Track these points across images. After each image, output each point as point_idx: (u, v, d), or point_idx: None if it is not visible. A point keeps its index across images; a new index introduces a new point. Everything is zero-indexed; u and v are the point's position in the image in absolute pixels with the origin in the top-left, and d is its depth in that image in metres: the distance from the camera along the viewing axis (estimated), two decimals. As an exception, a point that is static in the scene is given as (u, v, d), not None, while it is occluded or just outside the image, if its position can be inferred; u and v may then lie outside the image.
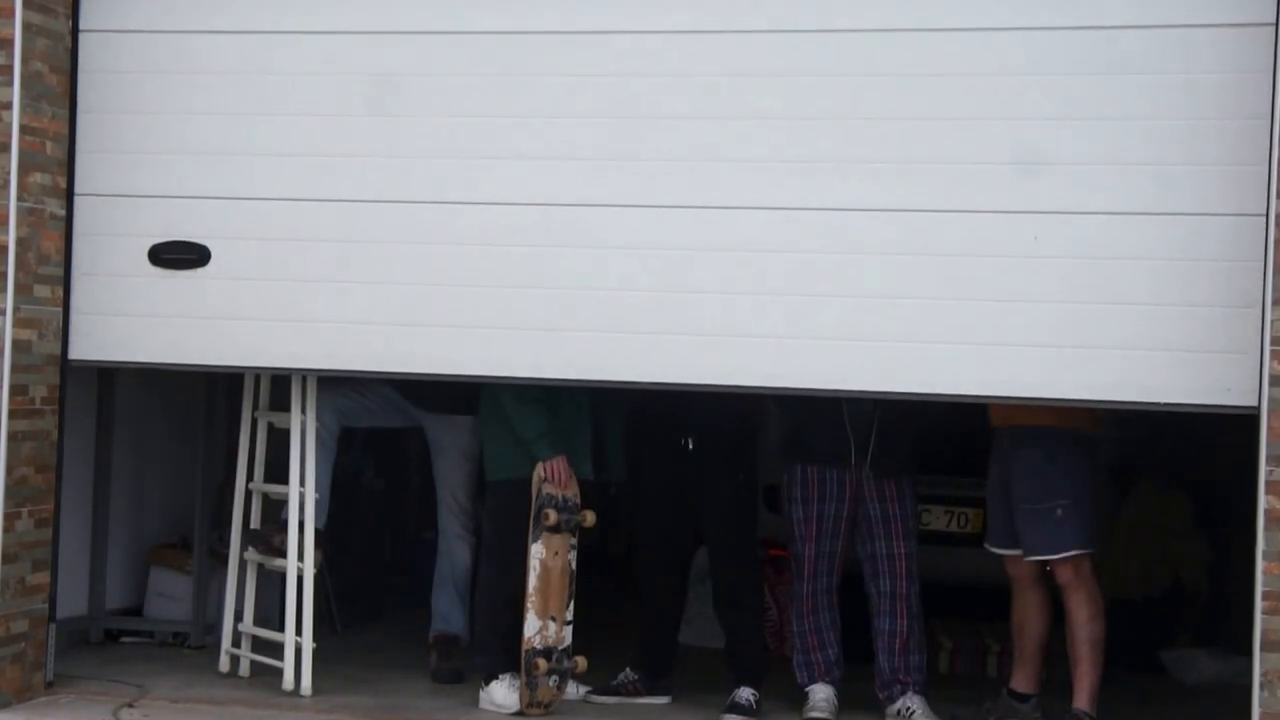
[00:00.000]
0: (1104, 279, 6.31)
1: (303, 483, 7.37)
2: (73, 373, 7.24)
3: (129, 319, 7.12)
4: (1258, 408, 6.09)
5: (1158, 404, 6.30)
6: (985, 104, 6.42)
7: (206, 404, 8.41)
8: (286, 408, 7.43)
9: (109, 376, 8.15)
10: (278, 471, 7.51)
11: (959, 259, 6.42)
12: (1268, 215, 6.09)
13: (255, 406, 7.65)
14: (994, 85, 6.41)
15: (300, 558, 7.35)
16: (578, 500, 7.07)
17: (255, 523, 7.67)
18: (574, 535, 7.10)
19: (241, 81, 7.03)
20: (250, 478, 7.68)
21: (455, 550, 7.90)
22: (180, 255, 7.05)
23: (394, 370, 7.02)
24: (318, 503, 7.44)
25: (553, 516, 6.98)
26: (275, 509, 7.61)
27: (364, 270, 6.90)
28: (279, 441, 7.53)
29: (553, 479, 7.01)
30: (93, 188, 7.14)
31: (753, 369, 6.60)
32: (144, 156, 7.11)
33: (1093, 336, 6.32)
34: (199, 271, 7.04)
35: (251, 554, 7.64)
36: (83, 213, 7.13)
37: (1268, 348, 6.07)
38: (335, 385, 7.74)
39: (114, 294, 7.12)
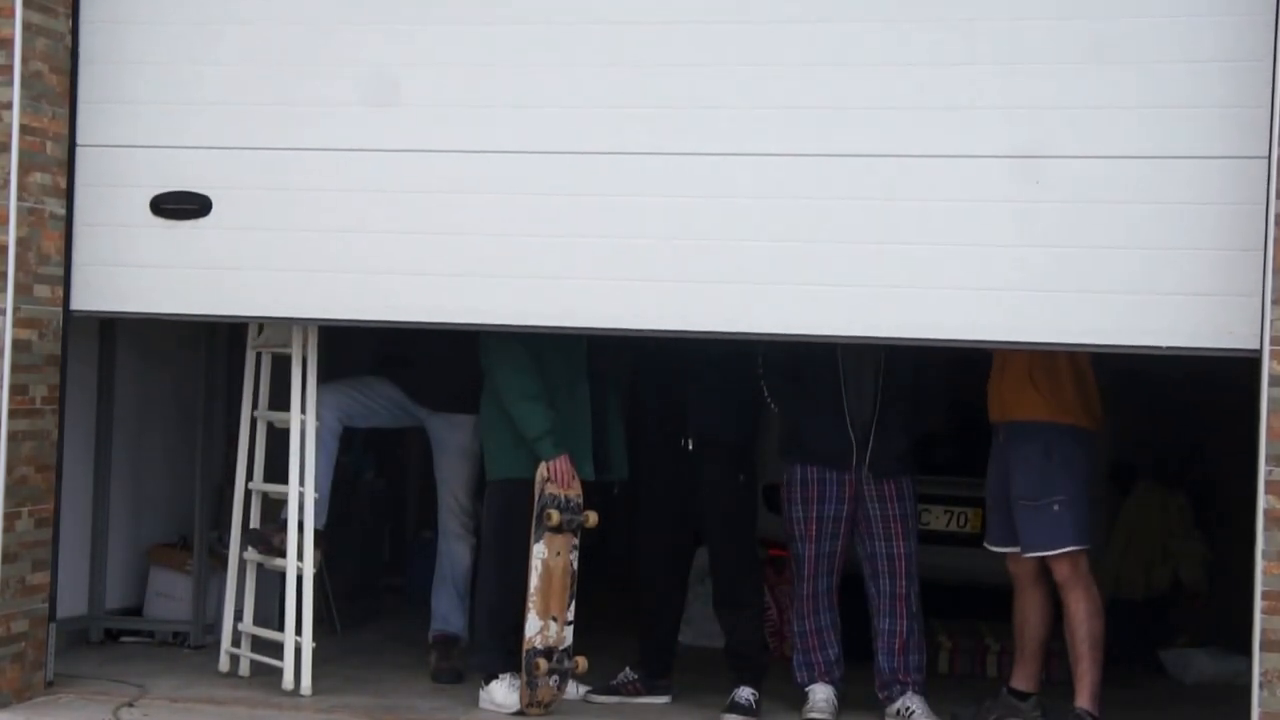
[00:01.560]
0: (1106, 222, 6.29)
1: (302, 482, 7.36)
2: (73, 374, 7.25)
3: (131, 269, 7.11)
4: (1259, 350, 6.08)
5: (1159, 347, 6.28)
6: (982, 50, 6.40)
7: (206, 402, 8.40)
8: (286, 407, 7.43)
9: (109, 376, 8.15)
10: (278, 471, 7.51)
11: (961, 204, 6.42)
12: (1270, 157, 6.07)
13: (255, 406, 7.65)
14: (990, 30, 6.40)
15: (300, 557, 7.34)
16: (580, 501, 7.07)
17: (255, 522, 7.67)
18: (576, 535, 7.10)
19: (246, 32, 7.01)
20: (250, 477, 7.67)
21: (455, 550, 7.90)
22: (182, 205, 7.03)
23: (395, 319, 6.98)
24: (318, 502, 7.43)
25: (555, 517, 6.97)
26: (275, 509, 7.61)
27: (365, 219, 6.88)
28: (279, 441, 7.53)
29: (556, 479, 7.01)
30: (94, 138, 7.12)
31: (759, 316, 6.58)
32: (146, 107, 7.09)
33: (1095, 280, 6.30)
34: (201, 222, 7.03)
35: (251, 554, 7.64)
36: (84, 163, 7.12)
37: (1269, 293, 6.05)
38: (337, 384, 7.75)
39: (116, 244, 7.11)
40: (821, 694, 7.19)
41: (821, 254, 6.52)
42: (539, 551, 6.99)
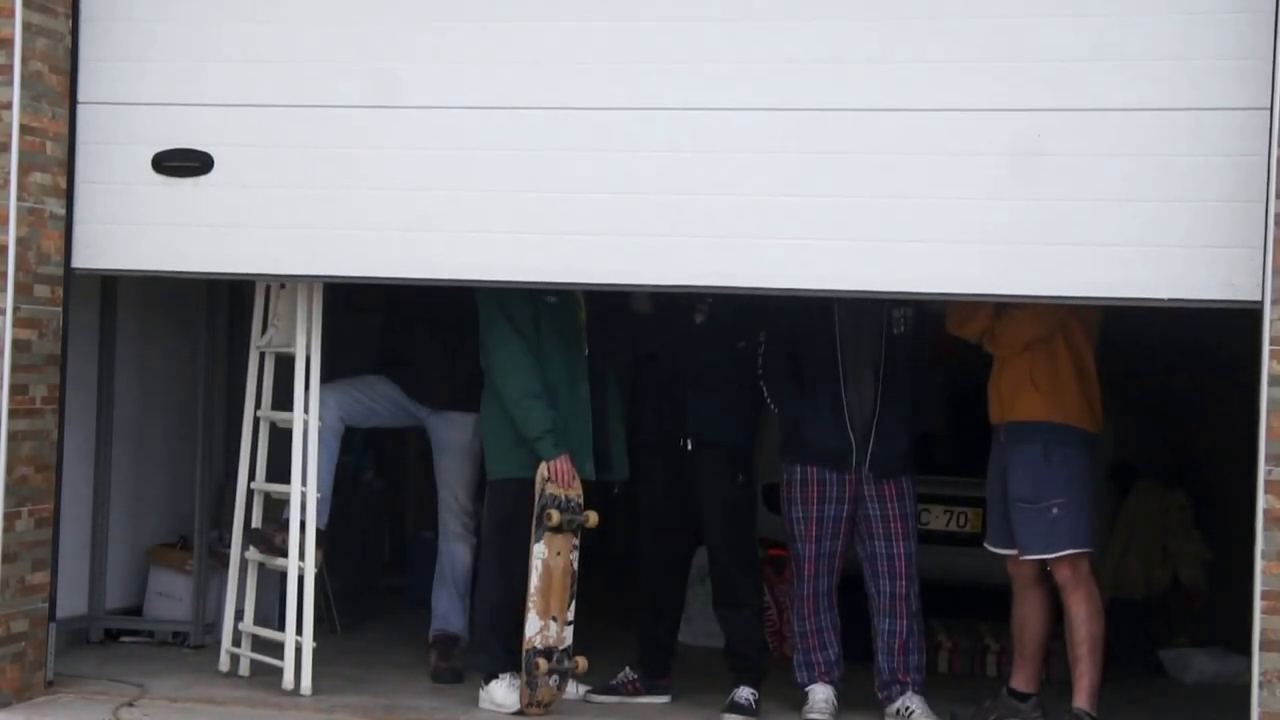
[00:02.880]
0: (1108, 175, 6.30)
1: (304, 482, 7.36)
2: (73, 374, 7.25)
3: (132, 227, 7.10)
4: (1260, 302, 6.09)
5: (1161, 300, 6.27)
6: (980, 4, 6.41)
7: (206, 402, 8.40)
8: (288, 407, 7.43)
9: (109, 374, 8.15)
10: (279, 471, 7.51)
11: (963, 158, 6.42)
12: (1271, 109, 6.07)
13: (258, 406, 7.65)
14: None
15: (301, 557, 7.34)
16: (581, 501, 7.07)
17: (256, 522, 7.66)
18: (576, 535, 7.10)
19: None
20: (252, 477, 7.68)
21: (455, 550, 7.90)
22: (183, 163, 7.03)
23: (397, 276, 6.99)
24: (319, 502, 7.43)
25: (556, 517, 6.97)
26: (275, 509, 7.61)
27: (366, 176, 6.88)
28: (280, 440, 7.52)
29: (556, 479, 7.01)
30: (95, 95, 7.10)
31: (762, 271, 6.59)
32: (147, 64, 7.08)
33: (1097, 234, 6.30)
34: (202, 179, 7.02)
35: (253, 553, 7.64)
36: (85, 121, 7.10)
37: (1270, 244, 6.05)
38: (338, 384, 7.75)
39: (117, 202, 7.10)
40: (821, 694, 7.19)
41: (826, 207, 6.52)
42: (539, 551, 6.99)
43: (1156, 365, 8.93)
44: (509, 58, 6.78)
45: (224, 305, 8.35)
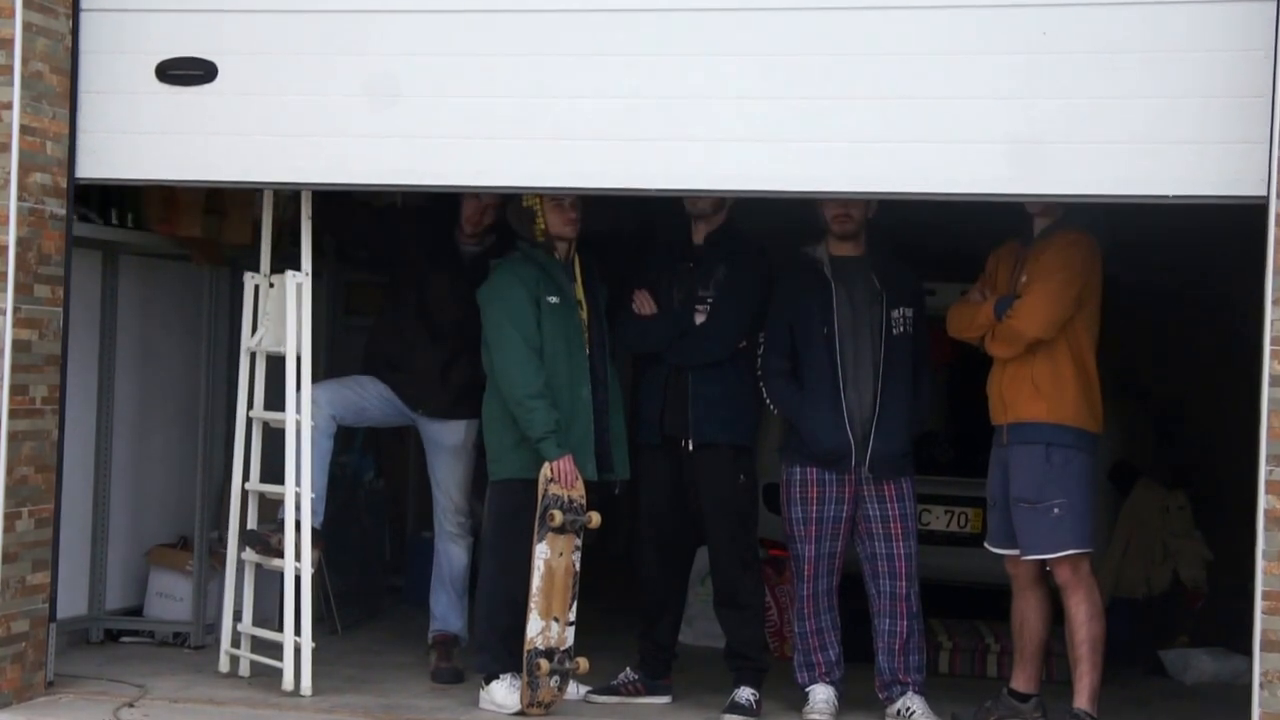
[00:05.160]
0: (1111, 72, 6.29)
1: (299, 482, 7.35)
2: (72, 374, 7.25)
3: (135, 136, 7.09)
4: (1265, 197, 6.08)
5: (1166, 197, 6.26)
6: None
7: (206, 402, 8.40)
8: (280, 407, 7.42)
9: (109, 374, 8.15)
10: (277, 471, 7.50)
11: (965, 56, 6.41)
12: (1277, 1, 6.05)
13: (250, 406, 7.64)
14: None
15: (298, 558, 7.34)
16: (583, 501, 7.07)
17: (252, 523, 7.66)
18: (579, 536, 7.09)
19: None
20: (246, 478, 7.67)
21: (451, 550, 7.90)
22: (187, 71, 7.01)
23: (401, 183, 7.01)
24: (314, 501, 7.42)
25: (558, 518, 6.97)
26: (273, 509, 7.60)
27: (370, 84, 6.87)
28: (277, 441, 7.52)
29: (559, 479, 7.00)
30: (98, 3, 7.08)
31: (757, 173, 6.59)
32: None
33: (1101, 131, 6.29)
34: (206, 88, 7.00)
35: (249, 554, 7.64)
36: (88, 29, 7.08)
37: (1276, 138, 6.05)
38: (329, 383, 7.75)
39: (121, 111, 7.09)
40: (822, 694, 7.19)
41: (829, 109, 6.51)
42: (541, 552, 6.99)
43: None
44: None
45: (225, 305, 8.35)
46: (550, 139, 6.75)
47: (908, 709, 7.11)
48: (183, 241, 8.01)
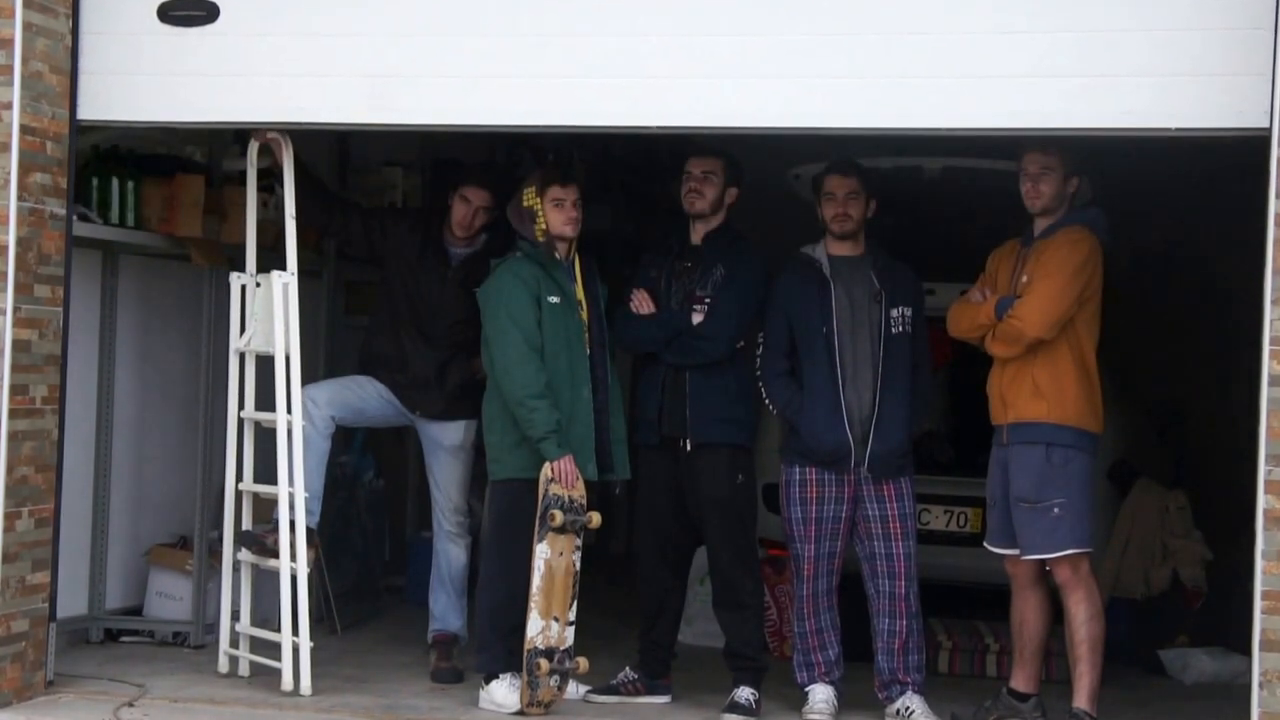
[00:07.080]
0: (1110, 5, 6.30)
1: (292, 482, 7.34)
2: (72, 373, 7.24)
3: (137, 77, 7.09)
4: (1269, 129, 6.08)
5: (1169, 129, 6.25)
6: None
7: (206, 401, 8.40)
8: (272, 408, 7.40)
9: (109, 374, 8.15)
10: (270, 471, 7.50)
11: None
12: None
13: (241, 406, 7.63)
14: None
15: (293, 558, 7.33)
16: (584, 502, 7.07)
17: (247, 523, 7.65)
18: (579, 536, 7.09)
19: None
20: (240, 478, 7.66)
21: (450, 550, 7.90)
22: (189, 12, 7.01)
23: (405, 123, 7.01)
24: (310, 500, 7.41)
25: (559, 518, 6.97)
26: (270, 509, 7.59)
27: (372, 23, 6.88)
28: (272, 441, 7.51)
29: (560, 479, 7.00)
30: None
31: (767, 110, 6.61)
32: None
33: (1102, 65, 6.29)
34: (208, 28, 7.00)
35: (245, 555, 7.63)
36: None
37: (1278, 69, 6.05)
38: (326, 382, 7.74)
39: (123, 53, 7.08)
40: (821, 694, 7.19)
41: (833, 45, 6.53)
42: (541, 552, 6.99)
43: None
44: None
45: (225, 304, 8.33)
46: (556, 77, 6.75)
47: (907, 709, 7.11)
48: (182, 241, 8.01)
